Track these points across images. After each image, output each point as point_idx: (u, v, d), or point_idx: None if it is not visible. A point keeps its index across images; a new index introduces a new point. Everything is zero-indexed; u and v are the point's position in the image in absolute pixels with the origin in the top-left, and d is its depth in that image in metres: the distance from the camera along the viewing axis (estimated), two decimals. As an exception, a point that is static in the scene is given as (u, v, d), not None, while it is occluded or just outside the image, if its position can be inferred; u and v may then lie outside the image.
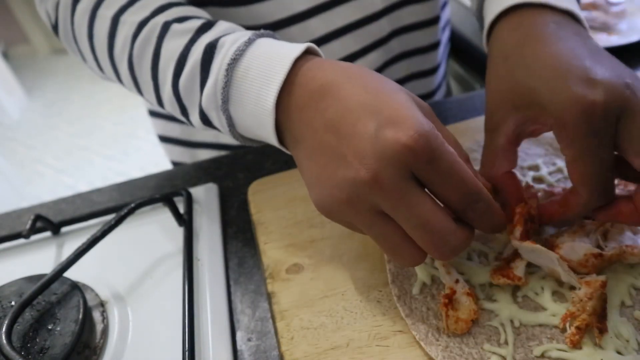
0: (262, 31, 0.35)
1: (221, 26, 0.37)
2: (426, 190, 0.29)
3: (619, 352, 0.31)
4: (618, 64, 0.33)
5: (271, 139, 0.34)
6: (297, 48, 0.33)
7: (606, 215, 0.33)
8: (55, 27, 0.47)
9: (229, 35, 0.35)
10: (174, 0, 0.42)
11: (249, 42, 0.34)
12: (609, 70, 0.31)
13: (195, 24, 0.37)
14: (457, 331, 0.32)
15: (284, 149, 0.35)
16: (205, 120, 0.37)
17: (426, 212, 0.28)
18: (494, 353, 0.31)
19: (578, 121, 0.30)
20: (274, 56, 0.33)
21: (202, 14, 0.41)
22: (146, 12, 0.40)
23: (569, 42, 0.33)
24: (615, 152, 0.31)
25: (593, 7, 0.71)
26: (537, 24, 0.35)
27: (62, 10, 0.45)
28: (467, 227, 0.30)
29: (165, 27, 0.38)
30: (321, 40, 0.54)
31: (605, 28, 0.67)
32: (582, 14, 0.37)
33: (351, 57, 0.56)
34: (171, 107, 0.40)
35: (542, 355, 0.31)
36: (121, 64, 0.41)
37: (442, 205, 0.29)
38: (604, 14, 0.70)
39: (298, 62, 0.33)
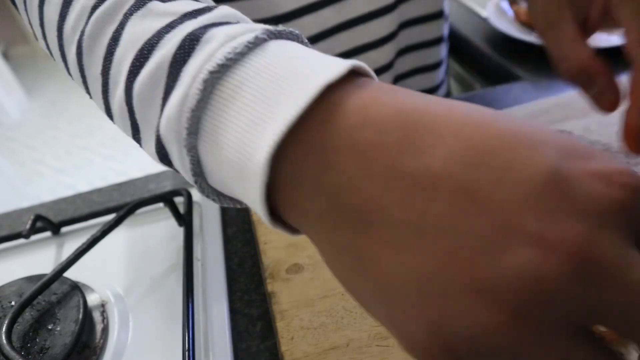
0: (280, 28, 0.21)
1: (220, 11, 0.24)
2: None
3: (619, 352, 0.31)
4: None
5: (256, 203, 0.19)
6: (339, 64, 0.19)
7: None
8: None
9: (226, 26, 0.22)
10: None
11: (254, 44, 0.20)
12: None
13: (185, 6, 0.24)
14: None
15: (278, 227, 0.21)
16: (164, 155, 0.23)
17: None
18: (494, 353, 0.31)
19: None
20: (293, 71, 0.19)
21: None
22: None
23: None
24: None
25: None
26: None
27: None
28: None
29: (141, 2, 0.25)
30: (332, 31, 0.53)
31: (606, 28, 0.67)
32: None
33: (363, 49, 0.56)
34: (122, 122, 0.26)
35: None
36: (70, 47, 0.28)
37: None
38: (604, 14, 0.70)
39: (337, 86, 0.18)
